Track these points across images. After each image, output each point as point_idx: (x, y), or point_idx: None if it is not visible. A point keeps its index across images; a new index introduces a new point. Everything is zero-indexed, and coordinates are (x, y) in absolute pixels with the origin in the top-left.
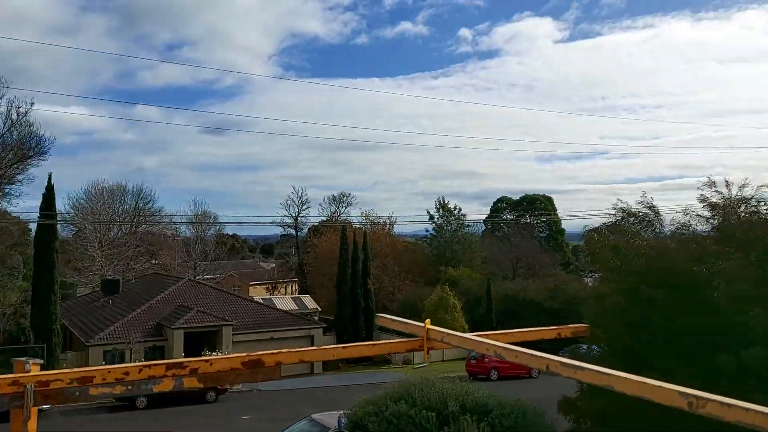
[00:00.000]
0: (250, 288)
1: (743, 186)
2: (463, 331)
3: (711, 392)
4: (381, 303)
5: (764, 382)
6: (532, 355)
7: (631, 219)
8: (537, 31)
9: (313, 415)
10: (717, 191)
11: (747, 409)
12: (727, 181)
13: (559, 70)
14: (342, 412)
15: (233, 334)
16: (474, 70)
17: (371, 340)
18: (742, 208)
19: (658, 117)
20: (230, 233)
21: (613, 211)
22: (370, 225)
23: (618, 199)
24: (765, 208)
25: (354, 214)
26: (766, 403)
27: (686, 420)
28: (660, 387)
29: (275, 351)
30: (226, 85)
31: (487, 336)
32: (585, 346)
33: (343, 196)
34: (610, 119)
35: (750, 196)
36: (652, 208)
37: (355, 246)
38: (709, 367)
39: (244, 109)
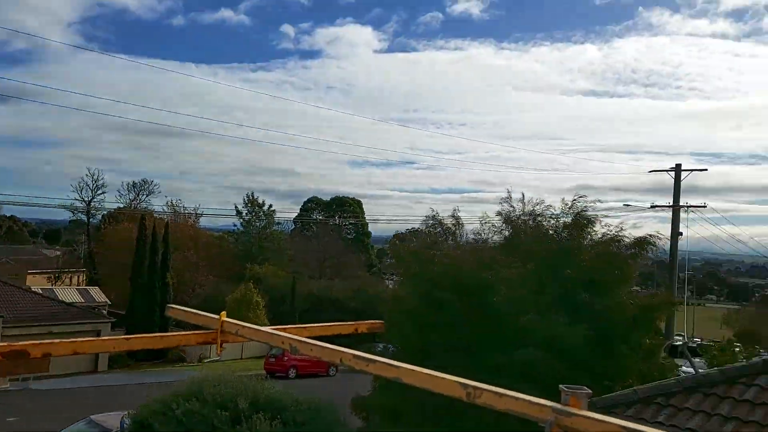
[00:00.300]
0: (29, 277)
1: (537, 204)
2: None
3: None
4: (180, 298)
5: (534, 380)
6: (325, 348)
7: (438, 228)
8: (358, 38)
9: (92, 416)
10: (512, 206)
11: (516, 398)
12: (523, 197)
13: (376, 78)
14: (126, 412)
15: (4, 328)
16: (294, 68)
17: None
18: (530, 224)
19: (461, 133)
20: (8, 215)
21: (425, 219)
22: (174, 216)
23: (431, 208)
24: (546, 223)
25: (157, 203)
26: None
27: (464, 415)
28: (443, 378)
29: (44, 341)
30: (15, 49)
31: (283, 330)
32: (381, 345)
33: (145, 183)
34: (419, 131)
35: (539, 212)
36: (456, 218)
37: (155, 237)
38: (489, 366)
39: (34, 78)
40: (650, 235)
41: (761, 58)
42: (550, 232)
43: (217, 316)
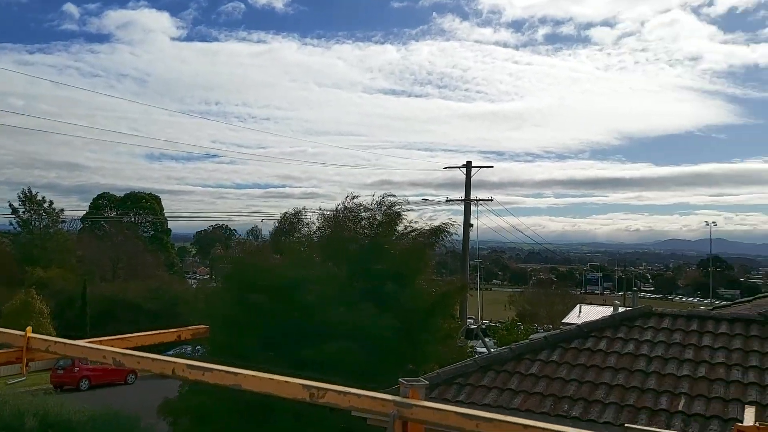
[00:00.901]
0: None
1: (353, 199)
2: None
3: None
4: None
5: (340, 370)
6: (155, 359)
7: (288, 225)
8: (154, 23)
9: None
10: (339, 207)
11: (359, 395)
12: (351, 197)
13: (174, 67)
14: None
15: None
16: (80, 52)
17: None
18: (349, 224)
19: (265, 128)
20: None
21: (281, 216)
22: None
23: (294, 209)
24: (362, 222)
25: None
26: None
27: (277, 410)
28: (286, 382)
29: None
30: None
31: (101, 342)
32: (190, 348)
33: None
34: (221, 124)
35: (357, 211)
36: (296, 215)
37: None
38: (300, 361)
39: None
40: (444, 224)
41: (536, 66)
42: (365, 229)
43: (21, 332)
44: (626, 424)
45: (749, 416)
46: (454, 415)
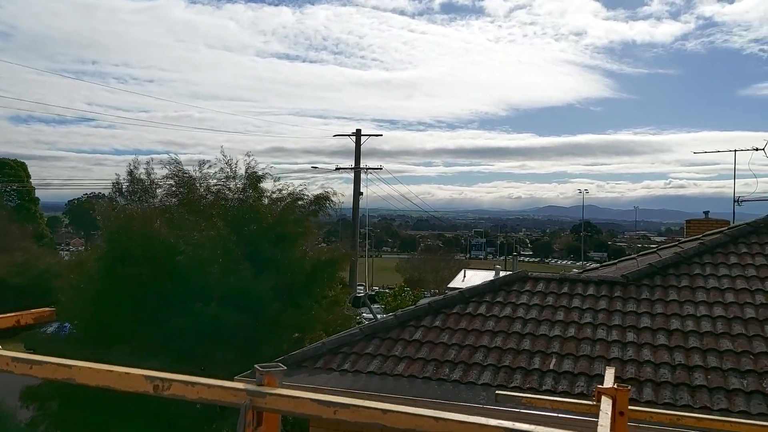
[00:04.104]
0: None
1: (206, 163)
2: None
3: (173, 351)
4: None
5: (218, 335)
6: None
7: (133, 187)
8: None
9: None
10: (183, 169)
11: (209, 386)
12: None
13: (44, 21)
14: None
15: None
16: None
17: None
18: (210, 186)
19: (148, 91)
20: None
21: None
22: None
23: (131, 163)
24: (225, 185)
25: None
26: (221, 356)
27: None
28: (126, 374)
29: None
30: None
31: None
32: (55, 326)
33: None
34: (99, 85)
35: (213, 173)
36: (147, 178)
37: None
38: (172, 330)
39: None
40: (326, 191)
41: (430, 35)
42: (229, 191)
43: None
44: (497, 391)
45: (609, 377)
46: (310, 402)
